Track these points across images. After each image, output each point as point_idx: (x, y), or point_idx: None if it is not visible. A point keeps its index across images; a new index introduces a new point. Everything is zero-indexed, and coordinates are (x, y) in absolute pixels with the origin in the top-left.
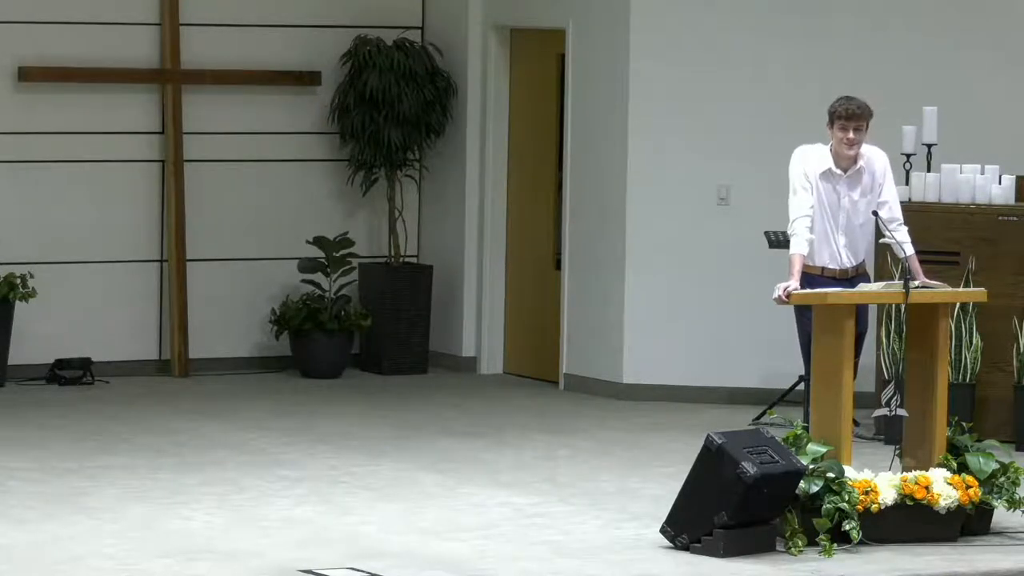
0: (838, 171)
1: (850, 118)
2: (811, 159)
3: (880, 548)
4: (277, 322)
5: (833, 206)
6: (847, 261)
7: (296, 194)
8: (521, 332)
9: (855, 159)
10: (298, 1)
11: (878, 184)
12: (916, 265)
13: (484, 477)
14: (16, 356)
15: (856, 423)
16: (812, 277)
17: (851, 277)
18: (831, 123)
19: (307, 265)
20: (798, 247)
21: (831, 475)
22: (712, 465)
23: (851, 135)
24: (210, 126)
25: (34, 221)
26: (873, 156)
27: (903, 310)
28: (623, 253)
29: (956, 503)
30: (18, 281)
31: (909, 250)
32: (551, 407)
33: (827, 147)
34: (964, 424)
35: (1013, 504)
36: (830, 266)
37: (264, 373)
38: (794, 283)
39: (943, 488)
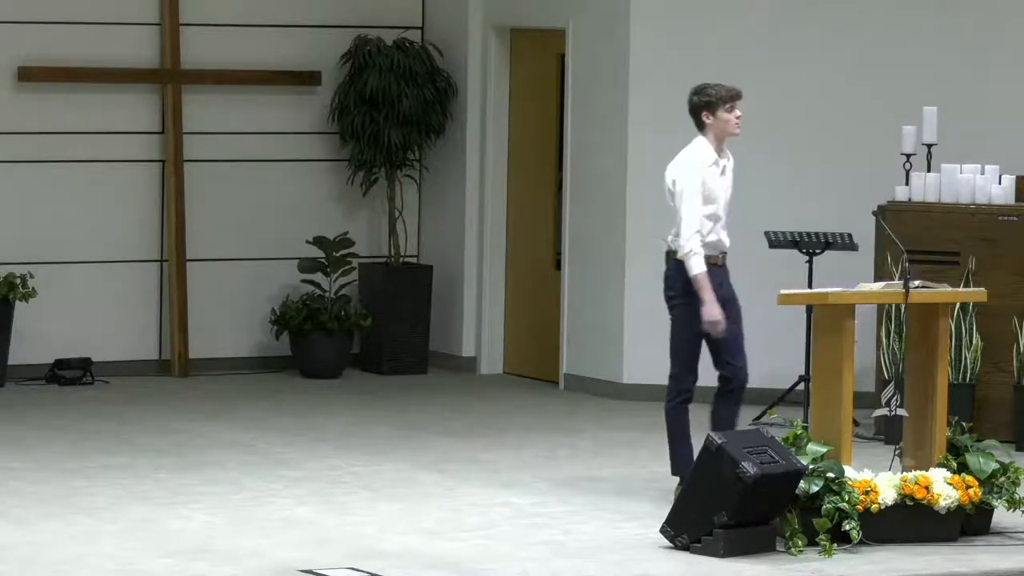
0: (721, 158)
1: (735, 98)
2: (699, 160)
3: (880, 548)
4: (277, 322)
5: (719, 193)
6: (727, 246)
7: (296, 194)
8: (521, 332)
9: (725, 145)
10: (298, 1)
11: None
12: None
13: (484, 477)
14: (16, 356)
15: (856, 423)
16: (708, 267)
17: (725, 264)
18: (713, 109)
19: (307, 265)
20: (701, 266)
21: (831, 475)
22: (712, 465)
23: (739, 114)
24: (210, 126)
25: (34, 221)
26: (730, 154)
27: (903, 310)
28: (623, 253)
29: (956, 503)
30: (18, 281)
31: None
32: (551, 407)
33: (703, 140)
34: (964, 424)
35: (1013, 504)
36: (715, 254)
37: (264, 373)
38: (718, 306)
39: (943, 488)
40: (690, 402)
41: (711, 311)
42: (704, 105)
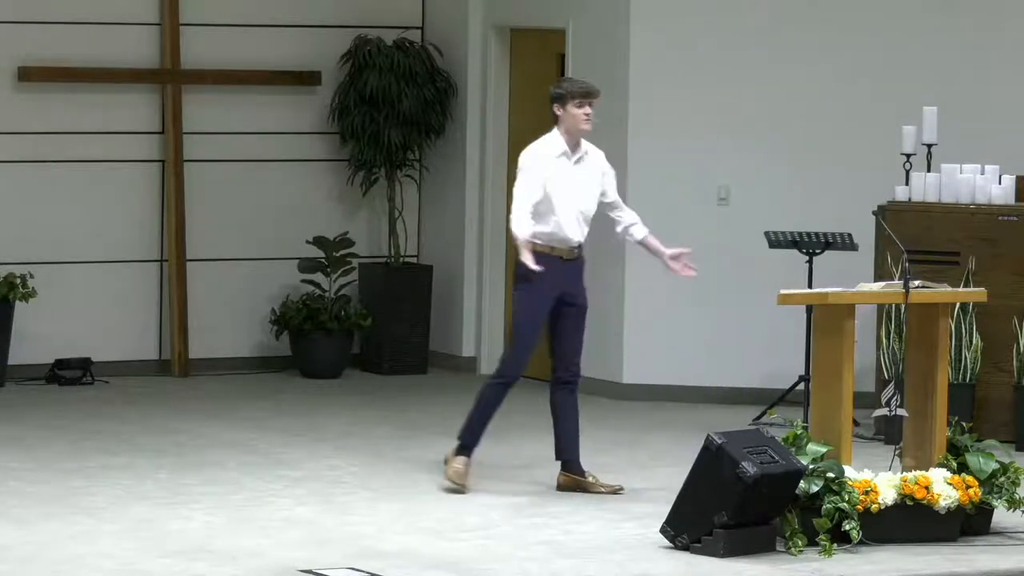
0: (571, 153)
1: (587, 95)
2: (543, 152)
3: (880, 548)
4: (277, 322)
5: (568, 186)
6: (574, 242)
7: (296, 194)
8: None
9: (582, 141)
10: (298, 1)
11: (604, 178)
12: (654, 242)
13: (484, 477)
14: (16, 356)
15: (856, 423)
16: (543, 256)
17: (575, 259)
18: (564, 103)
19: (307, 265)
20: (523, 231)
21: (831, 475)
22: (712, 465)
23: (588, 111)
24: (210, 126)
25: (34, 221)
26: (596, 151)
27: (903, 310)
28: (623, 253)
29: (956, 503)
30: (18, 281)
31: (640, 233)
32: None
33: (555, 133)
34: (964, 424)
35: (1013, 504)
36: (559, 246)
37: (264, 373)
38: (531, 256)
39: (943, 488)
40: (511, 387)
41: (524, 258)
42: (556, 98)
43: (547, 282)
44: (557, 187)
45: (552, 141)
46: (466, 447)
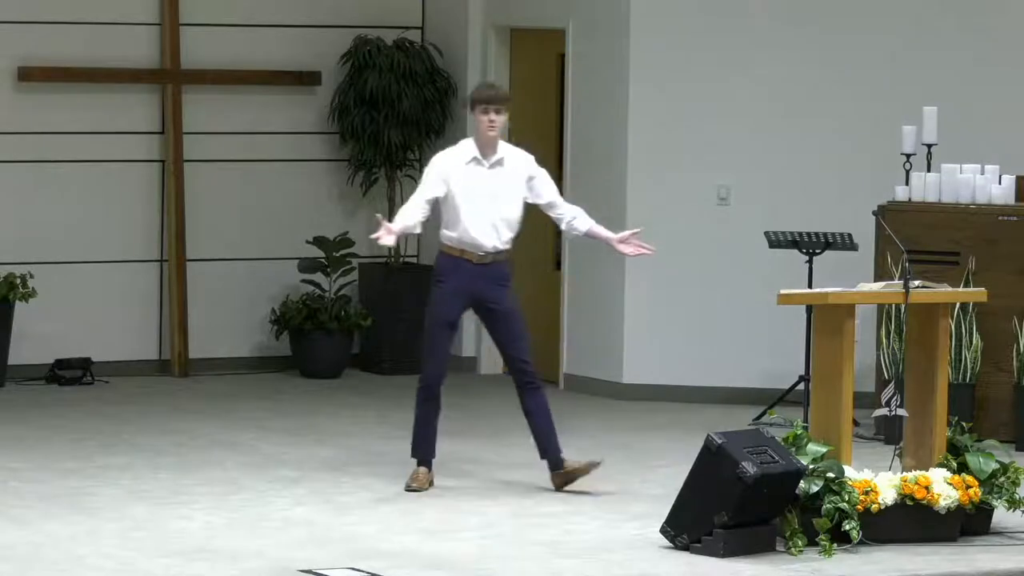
0: (482, 159)
1: (490, 101)
2: (451, 156)
3: (880, 548)
4: (277, 322)
5: (478, 191)
6: (487, 247)
7: (296, 194)
8: None
9: (495, 147)
10: (298, 1)
11: (530, 181)
12: (600, 230)
13: (484, 477)
14: (16, 356)
15: (856, 423)
16: (452, 259)
17: (489, 263)
18: (473, 109)
19: (307, 265)
20: (404, 216)
21: (831, 475)
22: (712, 465)
23: (492, 116)
24: (210, 126)
25: (34, 221)
26: (519, 156)
27: (903, 310)
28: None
29: (956, 503)
30: (18, 281)
31: (584, 225)
32: (551, 407)
33: (470, 139)
34: (964, 424)
35: (1013, 504)
36: (469, 250)
37: (264, 373)
38: (392, 237)
39: (943, 488)
40: (434, 389)
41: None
42: (467, 104)
43: (452, 284)
44: (465, 193)
45: (463, 147)
46: (421, 461)
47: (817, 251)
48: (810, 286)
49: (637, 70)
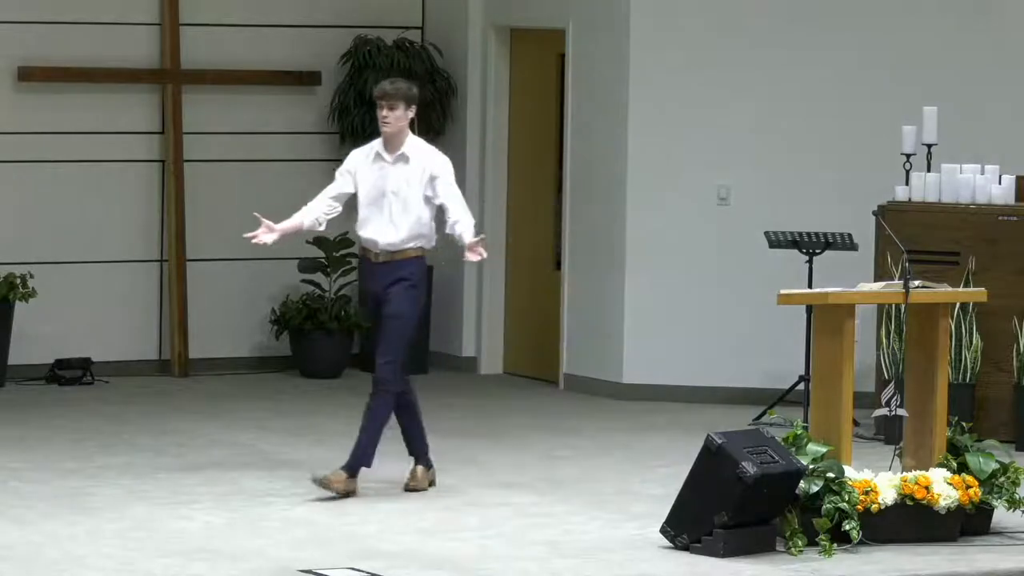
0: (386, 155)
1: (381, 97)
2: (358, 152)
3: (880, 548)
4: (277, 322)
5: (377, 188)
6: (383, 245)
7: (296, 194)
8: (521, 332)
9: (398, 143)
10: (298, 1)
11: (432, 180)
12: (466, 239)
13: (484, 477)
14: (16, 356)
15: (856, 423)
16: (361, 258)
17: (385, 262)
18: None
19: (307, 265)
20: (302, 214)
21: (831, 475)
22: (712, 465)
23: (383, 113)
24: (210, 126)
25: (34, 221)
26: (427, 153)
27: (903, 310)
28: (623, 253)
29: (956, 503)
30: (18, 281)
31: (468, 238)
32: (551, 407)
33: (380, 137)
34: (964, 424)
35: (1013, 504)
36: (369, 248)
37: (264, 373)
38: (275, 234)
39: (943, 488)
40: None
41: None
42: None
43: (362, 284)
44: (366, 189)
45: (372, 143)
46: (418, 456)
47: (817, 251)
48: (810, 286)
49: (637, 70)
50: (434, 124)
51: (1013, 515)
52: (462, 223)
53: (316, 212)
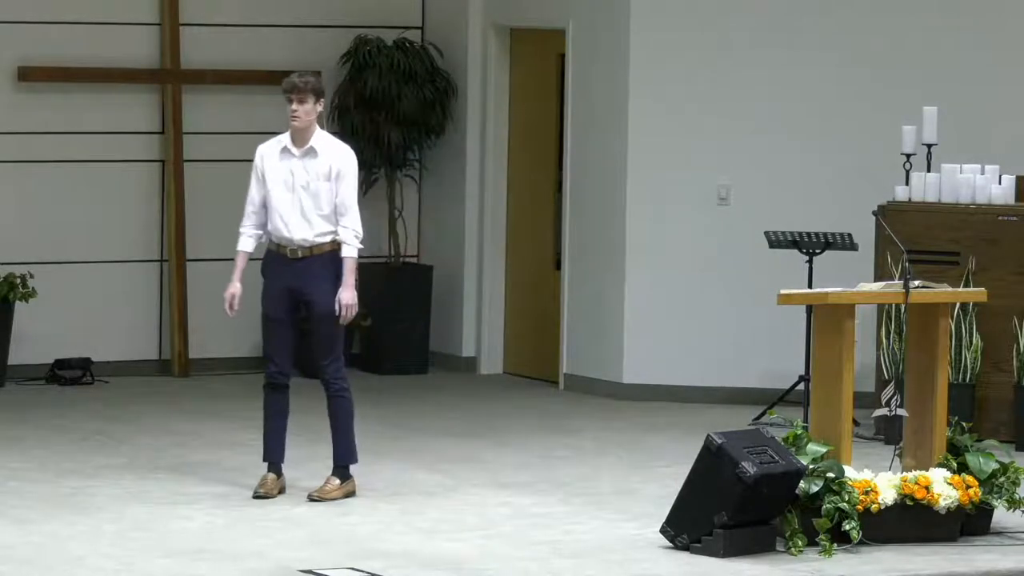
0: (293, 149)
1: (290, 91)
2: (265, 146)
3: (880, 548)
4: None
5: (290, 184)
6: (297, 240)
7: None
8: (521, 332)
9: (307, 137)
10: (298, 1)
11: (335, 177)
12: (351, 266)
13: (484, 477)
14: (16, 356)
15: (856, 423)
16: (271, 253)
17: (301, 258)
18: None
19: None
20: (242, 245)
21: (831, 475)
22: (712, 465)
23: (292, 107)
24: (210, 126)
25: (34, 221)
26: (335, 149)
27: (903, 310)
28: (623, 253)
29: (956, 503)
30: (18, 281)
31: (350, 252)
32: (551, 407)
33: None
34: (964, 424)
35: (1013, 504)
36: (282, 244)
37: (264, 373)
38: (237, 285)
39: (943, 488)
40: (277, 387)
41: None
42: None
43: (271, 281)
44: (274, 183)
45: (279, 137)
46: (274, 461)
47: (817, 251)
48: (810, 286)
49: (637, 70)
50: (434, 124)
51: (1013, 515)
52: (346, 234)
53: (251, 232)
